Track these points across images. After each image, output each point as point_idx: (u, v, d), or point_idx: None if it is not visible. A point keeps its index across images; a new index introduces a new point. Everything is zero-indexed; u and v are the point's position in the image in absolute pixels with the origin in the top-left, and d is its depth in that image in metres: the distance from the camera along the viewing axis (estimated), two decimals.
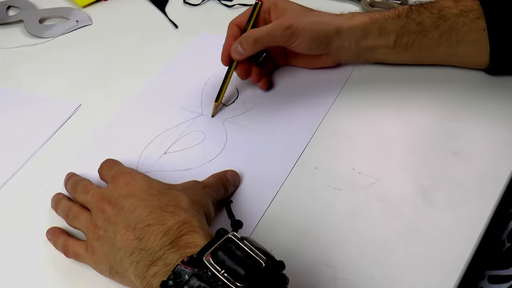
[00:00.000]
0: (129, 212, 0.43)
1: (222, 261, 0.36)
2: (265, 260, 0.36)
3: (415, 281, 0.44)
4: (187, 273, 0.36)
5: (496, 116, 0.57)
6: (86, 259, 0.46)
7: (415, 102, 0.60)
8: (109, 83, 0.67)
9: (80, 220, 0.47)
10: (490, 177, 0.51)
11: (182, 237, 0.40)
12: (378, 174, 0.52)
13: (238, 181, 0.53)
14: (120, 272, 0.43)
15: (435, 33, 0.58)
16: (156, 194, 0.44)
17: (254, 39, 0.58)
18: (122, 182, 0.46)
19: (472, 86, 0.61)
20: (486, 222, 0.47)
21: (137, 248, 0.41)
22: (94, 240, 0.45)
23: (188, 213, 0.42)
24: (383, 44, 0.59)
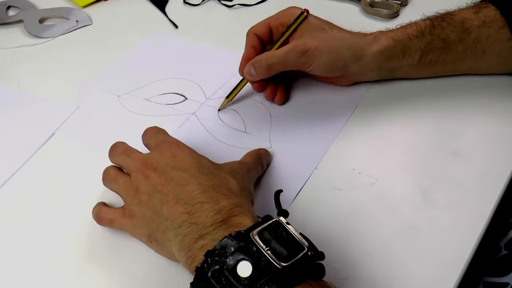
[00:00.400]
0: (179, 185, 0.43)
1: (268, 240, 0.37)
2: (307, 246, 0.37)
3: (415, 281, 0.44)
4: (233, 245, 0.37)
5: (496, 116, 0.57)
6: (122, 223, 0.46)
7: (415, 102, 0.60)
8: (109, 83, 0.67)
9: (118, 183, 0.47)
10: (490, 177, 0.51)
11: (232, 217, 0.40)
12: (378, 174, 0.52)
13: (270, 159, 0.54)
14: (160, 241, 0.43)
15: (460, 47, 0.57)
16: (208, 173, 0.44)
17: (268, 64, 0.56)
18: (168, 152, 0.46)
19: (472, 86, 0.61)
20: (486, 222, 0.47)
21: (187, 221, 0.41)
22: (135, 204, 0.44)
23: (239, 198, 0.43)
24: (407, 63, 0.58)
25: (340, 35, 0.58)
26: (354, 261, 0.45)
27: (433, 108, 0.59)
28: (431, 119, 0.58)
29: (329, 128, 0.57)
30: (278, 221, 0.38)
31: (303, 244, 0.37)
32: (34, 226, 0.51)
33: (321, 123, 0.58)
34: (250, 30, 0.60)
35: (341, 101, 0.61)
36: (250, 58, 0.58)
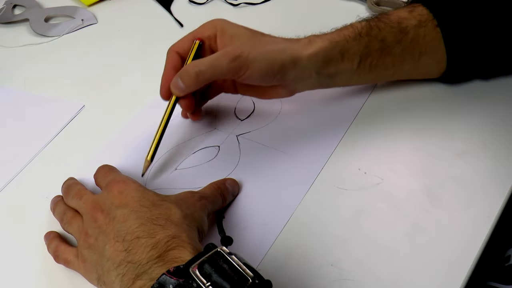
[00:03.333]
0: (119, 222, 0.42)
1: (208, 274, 0.35)
2: (252, 276, 0.35)
3: (421, 282, 0.44)
4: (172, 283, 0.35)
5: (503, 116, 0.57)
6: (75, 266, 0.45)
7: (421, 101, 0.59)
8: (114, 82, 0.67)
9: (73, 226, 0.47)
10: (498, 177, 0.51)
11: (169, 251, 0.39)
12: (383, 174, 0.52)
13: (237, 190, 0.51)
14: (106, 283, 0.42)
15: (397, 48, 0.54)
16: (149, 205, 0.43)
17: (196, 72, 0.50)
18: (116, 190, 0.45)
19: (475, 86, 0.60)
20: (493, 223, 0.47)
21: (125, 260, 0.40)
22: (85, 248, 0.44)
23: (179, 228, 0.41)
24: (347, 68, 0.54)
25: (273, 39, 0.54)
26: (359, 262, 0.45)
27: (439, 108, 0.58)
28: (437, 118, 0.57)
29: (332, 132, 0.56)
30: (219, 251, 0.37)
31: (247, 275, 0.35)
32: (37, 226, 0.51)
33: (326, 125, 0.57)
34: (171, 48, 0.55)
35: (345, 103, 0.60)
36: (170, 79, 0.52)
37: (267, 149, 0.55)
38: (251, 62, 0.50)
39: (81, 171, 0.55)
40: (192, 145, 0.57)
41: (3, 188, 0.55)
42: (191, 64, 0.52)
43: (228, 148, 0.56)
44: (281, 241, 0.47)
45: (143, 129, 0.59)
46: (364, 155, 0.54)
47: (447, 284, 0.43)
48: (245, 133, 0.57)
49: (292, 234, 0.48)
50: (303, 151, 0.55)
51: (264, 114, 0.59)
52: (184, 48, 0.54)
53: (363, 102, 0.60)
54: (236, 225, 0.49)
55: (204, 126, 0.59)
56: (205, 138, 0.57)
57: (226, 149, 0.56)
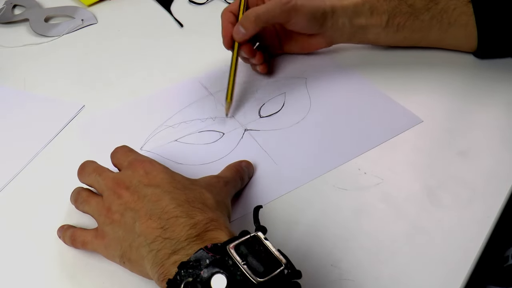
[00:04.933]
0: (152, 201, 0.42)
1: (244, 254, 0.36)
2: (285, 263, 0.36)
3: (421, 282, 0.44)
4: (209, 258, 0.36)
5: (504, 116, 0.57)
6: (94, 245, 0.45)
7: (421, 101, 0.59)
8: (114, 82, 0.67)
9: (91, 204, 0.47)
10: (498, 177, 0.51)
11: (208, 232, 0.40)
12: (383, 175, 0.52)
13: (252, 171, 0.53)
14: (133, 259, 0.42)
15: (426, 15, 0.59)
16: (182, 188, 0.44)
17: (255, 16, 0.58)
18: (141, 170, 0.45)
19: (479, 85, 0.60)
20: (493, 223, 0.47)
21: (161, 236, 0.40)
22: (107, 224, 0.44)
23: (215, 213, 0.42)
24: (376, 23, 0.61)
25: None
26: (359, 262, 0.45)
27: (440, 108, 0.58)
28: (437, 119, 0.57)
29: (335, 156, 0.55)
30: (256, 236, 0.38)
31: (281, 261, 0.36)
32: (37, 225, 0.51)
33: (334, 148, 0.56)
34: (225, 9, 0.62)
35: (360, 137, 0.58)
36: (229, 31, 0.60)
37: (261, 151, 0.56)
38: (300, 8, 0.58)
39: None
40: (204, 125, 0.59)
41: (3, 188, 0.55)
42: (249, 10, 0.59)
43: (230, 138, 0.57)
44: (281, 241, 0.47)
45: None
46: (364, 155, 0.54)
47: (447, 284, 0.43)
48: (253, 130, 0.58)
49: (292, 234, 0.48)
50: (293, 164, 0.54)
51: (283, 119, 0.59)
52: (236, 8, 0.62)
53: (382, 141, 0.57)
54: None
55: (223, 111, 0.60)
56: (218, 122, 0.59)
57: (228, 138, 0.57)
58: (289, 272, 0.36)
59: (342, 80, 0.63)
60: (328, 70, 0.65)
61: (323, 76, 0.64)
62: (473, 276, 0.44)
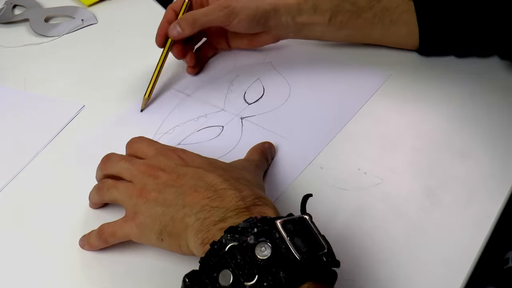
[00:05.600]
0: (194, 178, 0.42)
1: (291, 231, 0.36)
2: (327, 247, 0.37)
3: (420, 282, 0.44)
4: (257, 227, 0.36)
5: (504, 115, 0.57)
6: (125, 229, 0.44)
7: (421, 101, 0.59)
8: (114, 82, 0.67)
9: (119, 189, 0.45)
10: (497, 177, 0.51)
11: (256, 206, 0.40)
12: (383, 175, 0.52)
13: (274, 151, 0.54)
14: (174, 232, 0.41)
15: (369, 13, 0.60)
16: (222, 168, 0.44)
17: (193, 19, 0.59)
18: (175, 155, 0.46)
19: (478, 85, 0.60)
20: (493, 223, 0.47)
21: (208, 205, 0.40)
22: (141, 204, 0.43)
23: (259, 191, 0.43)
24: (318, 21, 0.61)
25: None
26: (358, 262, 0.45)
27: (440, 108, 0.58)
28: (437, 119, 0.57)
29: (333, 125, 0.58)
30: (303, 218, 0.38)
31: (323, 246, 0.37)
32: (36, 226, 0.51)
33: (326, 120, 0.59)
34: (169, 6, 0.62)
35: (346, 100, 0.61)
36: (165, 29, 0.60)
37: (268, 133, 0.57)
38: (239, 11, 0.58)
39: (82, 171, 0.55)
40: (199, 123, 0.59)
41: (3, 188, 0.55)
42: (189, 13, 0.60)
43: (231, 129, 0.58)
44: None
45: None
46: (364, 155, 0.54)
47: (447, 284, 0.43)
48: (249, 116, 0.60)
49: None
50: (302, 137, 0.56)
51: (271, 100, 0.61)
52: (179, 6, 0.62)
53: (363, 102, 0.60)
54: None
55: (212, 106, 0.61)
56: (212, 118, 0.60)
57: (229, 130, 0.58)
58: (328, 260, 0.36)
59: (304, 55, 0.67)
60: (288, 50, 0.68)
61: (285, 55, 0.67)
62: (473, 276, 0.44)
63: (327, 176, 0.52)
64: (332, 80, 0.63)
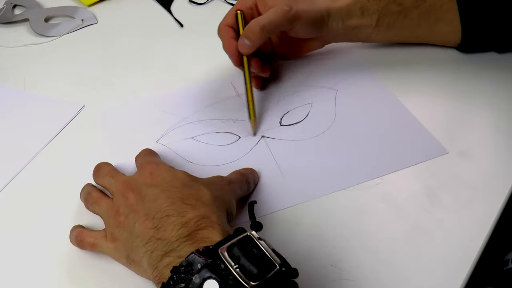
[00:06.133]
0: (150, 201, 0.43)
1: (237, 257, 0.35)
2: (279, 263, 0.36)
3: (421, 282, 0.44)
4: (200, 262, 0.35)
5: (504, 115, 0.57)
6: (103, 247, 0.46)
7: (420, 101, 0.59)
8: (114, 82, 0.67)
9: (101, 205, 0.47)
10: (498, 177, 0.51)
11: (199, 231, 0.40)
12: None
13: (257, 179, 0.53)
14: (135, 261, 0.43)
15: (415, 13, 0.61)
16: (179, 186, 0.44)
17: (260, 27, 0.56)
18: (147, 171, 0.46)
19: (478, 85, 0.60)
20: (493, 223, 0.47)
21: (154, 237, 0.40)
22: (115, 226, 0.44)
23: (209, 208, 0.42)
24: (366, 23, 0.61)
25: None
26: (359, 262, 0.45)
27: (439, 108, 0.58)
28: (437, 118, 0.57)
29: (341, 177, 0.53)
30: (249, 235, 0.37)
31: (275, 262, 0.36)
32: (36, 225, 0.51)
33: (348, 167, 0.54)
34: (222, 24, 0.60)
35: None
36: (234, 47, 0.57)
37: (271, 161, 0.54)
38: (301, 14, 0.58)
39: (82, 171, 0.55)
40: (223, 125, 0.59)
41: (3, 188, 0.55)
42: (252, 22, 0.57)
43: (245, 143, 0.57)
44: (281, 242, 0.47)
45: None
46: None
47: (447, 284, 0.43)
48: (270, 137, 0.57)
49: (292, 234, 0.48)
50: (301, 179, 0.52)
51: (303, 131, 0.57)
52: (232, 21, 0.60)
53: None
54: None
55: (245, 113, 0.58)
56: (237, 125, 0.59)
57: (243, 142, 0.57)
58: (284, 271, 0.35)
59: (373, 96, 0.61)
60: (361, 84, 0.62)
61: (354, 89, 0.62)
62: (473, 276, 0.44)
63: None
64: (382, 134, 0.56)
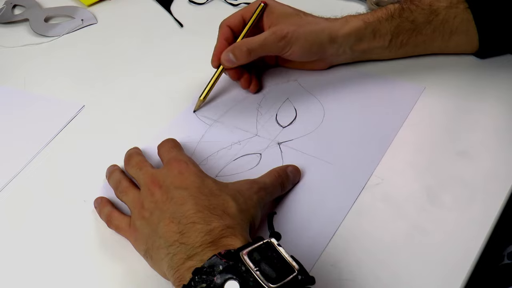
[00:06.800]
0: (177, 204, 0.43)
1: (257, 261, 0.36)
2: (298, 269, 0.36)
3: (421, 282, 0.44)
4: (222, 264, 0.36)
5: (504, 116, 0.57)
6: (127, 234, 0.47)
7: (420, 101, 0.59)
8: (114, 82, 0.67)
9: (128, 196, 0.48)
10: (497, 177, 0.51)
11: (222, 238, 0.40)
12: (383, 175, 0.52)
13: (298, 178, 0.52)
14: (154, 258, 0.43)
15: (428, 28, 0.59)
16: (207, 194, 0.44)
17: (248, 49, 0.57)
18: (176, 170, 0.46)
19: (478, 85, 0.60)
20: (493, 223, 0.47)
21: (178, 241, 0.41)
22: (138, 219, 0.45)
23: (234, 220, 0.42)
24: (378, 45, 0.60)
25: (314, 19, 0.60)
26: (359, 262, 0.45)
27: (439, 108, 0.58)
28: (437, 118, 0.57)
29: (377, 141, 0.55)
30: (269, 242, 0.38)
31: (293, 267, 0.36)
32: (38, 224, 0.51)
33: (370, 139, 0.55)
34: (223, 22, 0.61)
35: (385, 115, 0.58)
36: (222, 50, 0.58)
37: (311, 159, 0.54)
38: (295, 41, 0.57)
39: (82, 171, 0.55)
40: (233, 152, 0.56)
41: (3, 188, 0.55)
42: (243, 41, 0.58)
43: (270, 156, 0.55)
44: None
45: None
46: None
47: (447, 284, 0.43)
48: (287, 141, 0.56)
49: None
50: (348, 161, 0.53)
51: (306, 121, 0.58)
52: (235, 23, 0.60)
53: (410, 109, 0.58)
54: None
55: (244, 131, 0.58)
56: (246, 145, 0.56)
57: (268, 157, 0.55)
58: (302, 278, 0.36)
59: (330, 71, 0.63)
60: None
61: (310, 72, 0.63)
62: (472, 276, 0.44)
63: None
64: (365, 95, 0.60)
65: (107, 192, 0.52)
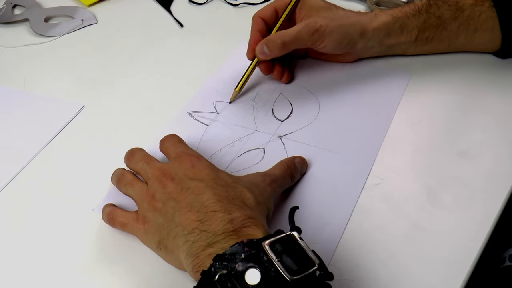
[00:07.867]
0: (194, 194, 0.43)
1: (279, 252, 0.36)
2: (318, 263, 0.37)
3: (420, 283, 0.44)
4: (244, 252, 0.36)
5: (504, 116, 0.57)
6: (134, 228, 0.46)
7: (420, 101, 0.59)
8: (114, 82, 0.67)
9: (134, 188, 0.48)
10: (497, 177, 0.51)
11: (244, 228, 0.40)
12: (383, 175, 0.52)
13: (305, 168, 0.53)
14: (168, 248, 0.43)
15: (453, 25, 0.60)
16: (224, 185, 0.44)
17: (282, 42, 0.58)
18: (188, 163, 0.46)
19: (478, 85, 0.60)
20: (493, 223, 0.47)
21: (198, 228, 0.41)
22: (149, 211, 0.45)
23: (253, 212, 0.43)
24: (405, 40, 0.61)
25: (345, 13, 0.61)
26: (358, 262, 0.45)
27: (440, 108, 0.58)
28: (437, 119, 0.57)
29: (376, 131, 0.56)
30: (291, 235, 0.38)
31: (314, 261, 0.37)
32: (38, 224, 0.51)
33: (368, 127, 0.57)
34: (256, 14, 0.61)
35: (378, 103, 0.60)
36: (257, 42, 0.59)
37: (314, 149, 0.55)
38: (328, 35, 0.58)
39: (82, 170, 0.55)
40: (236, 148, 0.56)
41: (3, 188, 0.55)
42: (277, 34, 0.59)
43: (274, 150, 0.55)
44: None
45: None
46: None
47: (447, 284, 0.43)
48: (288, 133, 0.57)
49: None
50: (350, 148, 0.54)
51: (303, 114, 0.59)
52: (267, 14, 0.61)
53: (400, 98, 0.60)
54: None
55: (244, 128, 0.58)
56: (248, 141, 0.57)
57: (272, 151, 0.55)
58: (321, 273, 0.36)
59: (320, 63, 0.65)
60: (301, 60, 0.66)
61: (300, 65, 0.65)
62: (473, 276, 0.44)
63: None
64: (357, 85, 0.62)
65: (107, 192, 0.52)
